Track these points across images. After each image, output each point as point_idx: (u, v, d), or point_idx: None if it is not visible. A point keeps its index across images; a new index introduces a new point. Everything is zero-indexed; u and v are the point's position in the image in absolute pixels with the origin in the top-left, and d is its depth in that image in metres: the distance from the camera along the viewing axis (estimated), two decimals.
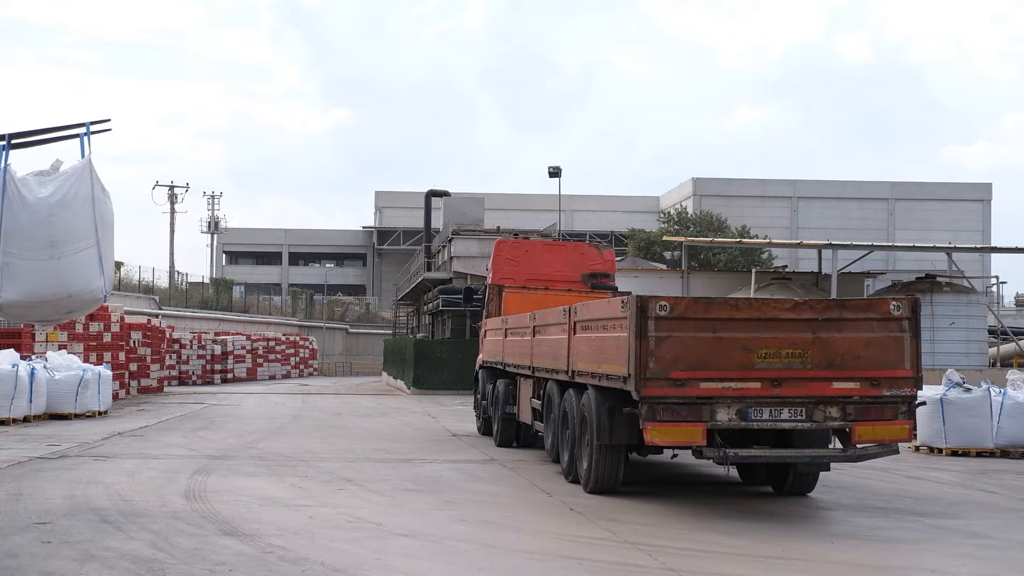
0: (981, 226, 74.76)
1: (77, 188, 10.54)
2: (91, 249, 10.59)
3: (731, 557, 8.95)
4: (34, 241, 10.40)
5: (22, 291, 10.45)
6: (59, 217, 10.46)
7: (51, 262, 10.43)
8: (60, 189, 10.55)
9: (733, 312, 10.57)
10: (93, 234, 10.61)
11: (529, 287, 19.54)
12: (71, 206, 10.51)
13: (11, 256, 10.38)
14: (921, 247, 38.11)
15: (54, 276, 10.44)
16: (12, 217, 10.38)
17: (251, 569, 8.01)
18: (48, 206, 10.46)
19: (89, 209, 10.61)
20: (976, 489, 13.43)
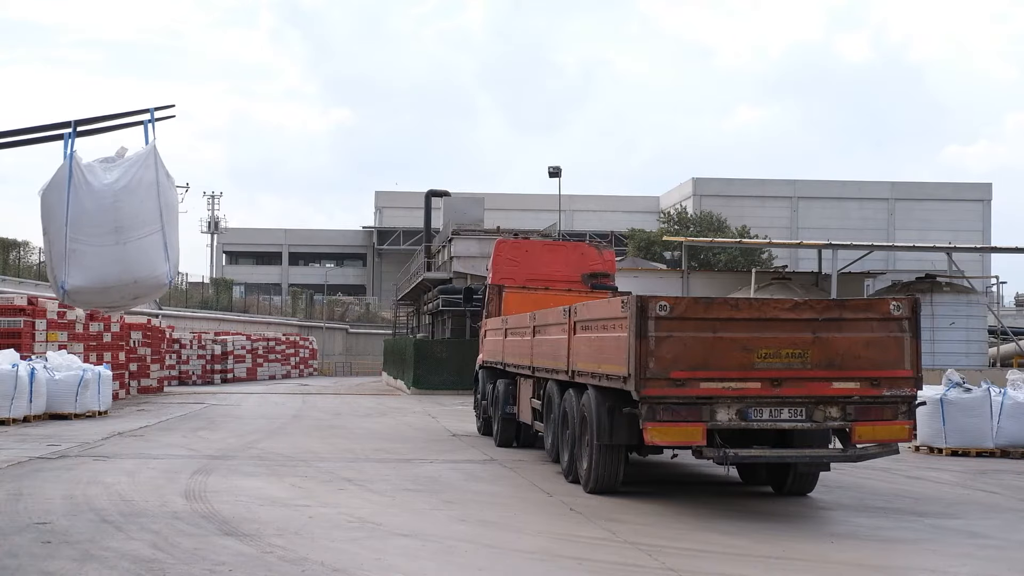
0: (981, 226, 74.77)
1: (142, 174, 10.58)
2: (156, 235, 10.64)
3: (731, 557, 8.95)
4: (99, 227, 10.43)
5: (89, 277, 10.46)
6: (124, 203, 10.49)
7: (116, 248, 10.47)
8: (125, 175, 10.58)
9: (733, 312, 10.57)
10: (158, 220, 10.66)
11: (529, 287, 19.54)
12: (136, 192, 10.54)
13: (77, 243, 10.41)
14: (921, 247, 38.11)
15: (120, 262, 10.48)
16: (78, 204, 10.42)
17: (251, 569, 8.01)
18: (113, 192, 10.48)
19: (154, 195, 10.66)
20: (976, 489, 13.43)
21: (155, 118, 10.69)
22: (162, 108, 10.79)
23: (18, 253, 42.83)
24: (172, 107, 10.95)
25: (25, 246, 43.53)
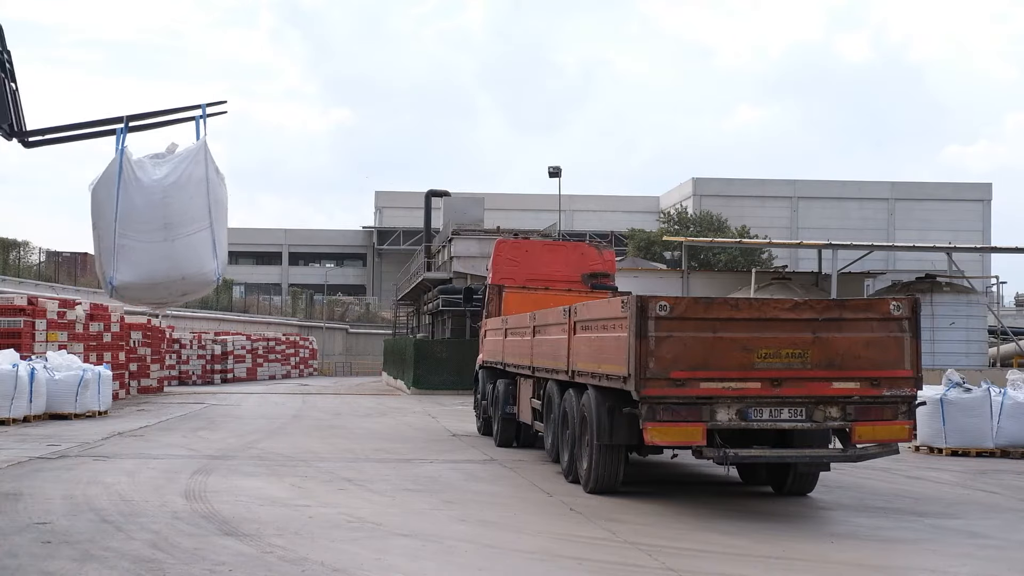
0: (981, 226, 74.76)
1: (191, 170, 10.54)
2: (205, 232, 10.60)
3: (731, 557, 8.95)
4: (149, 223, 10.41)
5: (137, 273, 10.47)
6: (173, 199, 10.46)
7: (165, 244, 10.44)
8: (175, 171, 10.55)
9: (733, 312, 10.57)
10: (207, 216, 10.61)
11: (529, 287, 19.53)
12: (185, 188, 10.51)
13: (126, 238, 10.41)
14: (921, 247, 38.09)
15: (168, 258, 10.46)
16: (128, 199, 10.39)
17: (251, 569, 8.01)
18: (162, 188, 10.47)
19: (203, 191, 10.61)
20: (976, 489, 13.43)
21: (207, 114, 10.67)
22: (213, 104, 10.77)
23: (18, 253, 42.83)
24: (224, 103, 10.92)
25: (25, 246, 43.56)
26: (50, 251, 46.90)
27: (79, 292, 40.49)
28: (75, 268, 47.60)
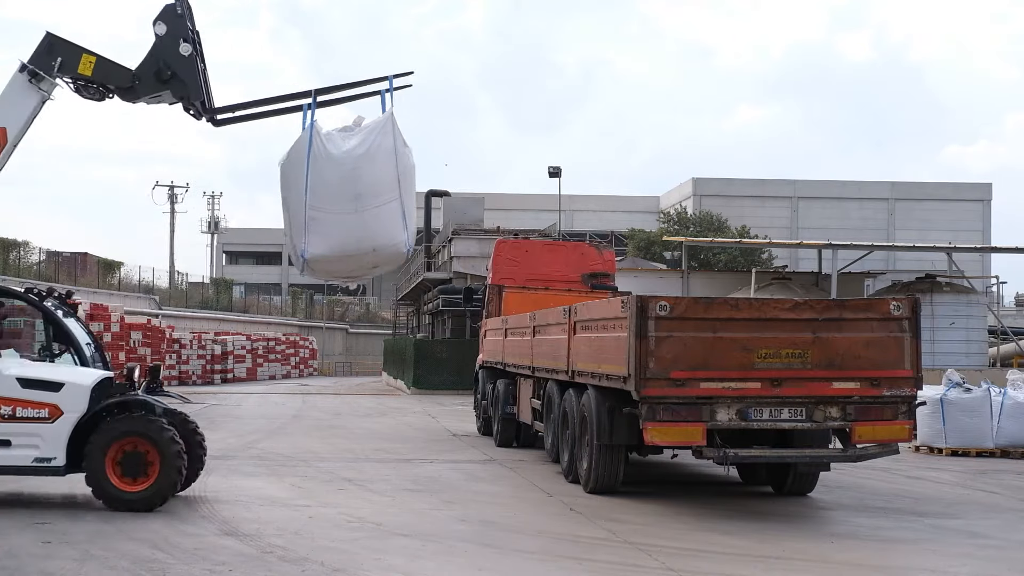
0: (981, 226, 74.70)
1: (380, 141, 10.61)
2: (394, 203, 10.65)
3: (731, 557, 8.95)
4: (339, 195, 10.50)
5: (329, 245, 10.58)
6: (363, 170, 10.55)
7: (356, 215, 10.52)
8: (364, 142, 10.64)
9: (733, 312, 10.57)
10: (396, 187, 10.66)
11: (529, 287, 19.53)
12: (375, 159, 10.58)
13: (317, 211, 10.51)
14: (921, 247, 38.07)
15: (359, 229, 10.54)
16: (318, 172, 10.50)
17: (251, 569, 8.01)
18: (353, 159, 10.56)
19: (392, 162, 10.67)
20: (976, 489, 13.43)
21: (393, 86, 10.72)
22: (400, 75, 10.84)
23: (18, 253, 42.82)
24: (411, 74, 10.98)
25: (25, 246, 43.54)
26: (50, 251, 46.91)
27: (79, 292, 40.44)
28: (75, 268, 47.59)
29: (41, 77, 10.57)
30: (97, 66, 10.68)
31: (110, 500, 10.03)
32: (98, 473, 9.98)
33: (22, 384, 10.14)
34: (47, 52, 10.58)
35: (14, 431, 10.03)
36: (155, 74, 10.64)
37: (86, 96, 10.93)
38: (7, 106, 10.60)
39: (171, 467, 10.08)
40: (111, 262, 51.65)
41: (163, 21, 10.63)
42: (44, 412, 10.08)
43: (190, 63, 10.66)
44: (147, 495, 10.04)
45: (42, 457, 10.05)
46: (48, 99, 10.71)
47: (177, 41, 10.61)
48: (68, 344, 10.87)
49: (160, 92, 10.77)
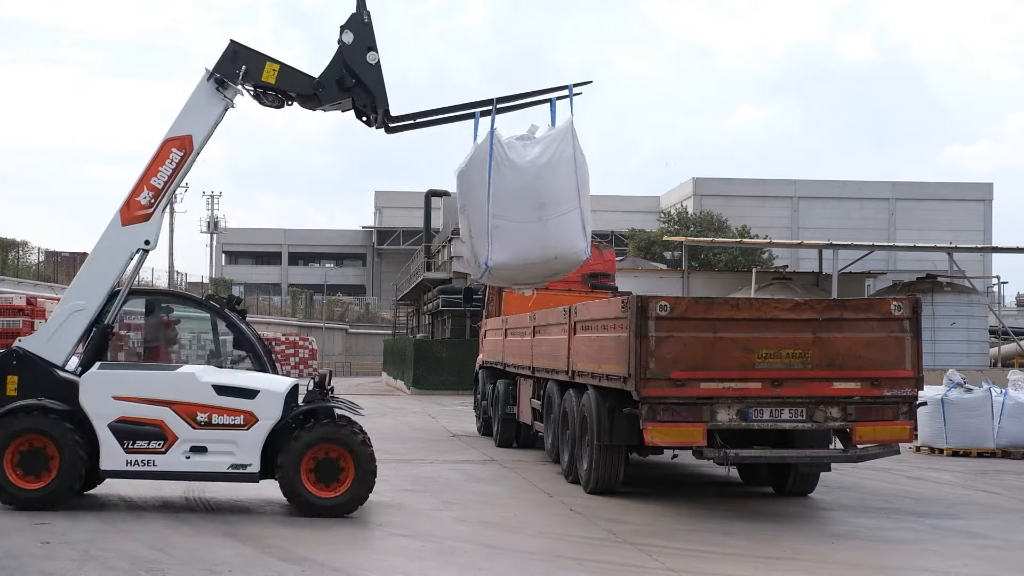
0: (982, 226, 74.69)
1: (562, 150, 10.68)
2: (575, 212, 10.71)
3: (731, 557, 8.94)
4: (523, 204, 10.57)
5: (513, 253, 10.63)
6: (546, 179, 10.61)
7: (539, 224, 10.58)
8: (546, 151, 10.70)
9: (733, 312, 10.56)
10: (576, 196, 10.73)
11: None
12: (557, 168, 10.65)
13: (501, 219, 10.57)
14: (922, 247, 38.02)
15: (542, 238, 10.60)
16: (501, 181, 10.58)
17: (251, 569, 8.00)
18: (536, 168, 10.63)
19: (572, 171, 10.73)
20: (977, 490, 13.42)
21: (573, 93, 10.80)
22: (580, 84, 10.93)
23: (17, 253, 42.84)
24: (590, 83, 11.10)
25: (24, 246, 43.56)
26: (49, 251, 46.95)
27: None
28: (74, 268, 47.56)
29: (226, 85, 10.67)
30: (280, 74, 10.82)
31: (305, 506, 10.08)
32: (293, 480, 10.04)
33: (218, 391, 10.19)
34: (231, 60, 10.68)
35: (211, 438, 10.10)
36: (338, 82, 10.81)
37: (265, 103, 11.09)
38: (194, 113, 10.73)
39: (365, 473, 10.17)
40: None
41: (350, 30, 10.77)
42: (240, 419, 10.12)
43: (376, 71, 10.83)
44: (342, 501, 10.12)
45: (237, 463, 10.13)
46: (231, 107, 10.81)
47: (363, 49, 10.77)
48: (249, 351, 10.93)
49: (342, 100, 10.93)
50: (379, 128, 11.14)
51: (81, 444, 9.96)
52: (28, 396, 10.16)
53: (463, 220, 11.23)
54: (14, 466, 9.95)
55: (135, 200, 10.55)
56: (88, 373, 10.37)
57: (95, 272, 10.64)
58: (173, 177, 10.61)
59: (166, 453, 10.05)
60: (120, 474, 10.24)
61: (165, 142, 10.65)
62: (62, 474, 9.94)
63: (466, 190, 11.04)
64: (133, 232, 10.54)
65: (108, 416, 10.09)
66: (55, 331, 10.53)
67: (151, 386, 10.20)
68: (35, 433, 9.96)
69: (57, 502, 10.00)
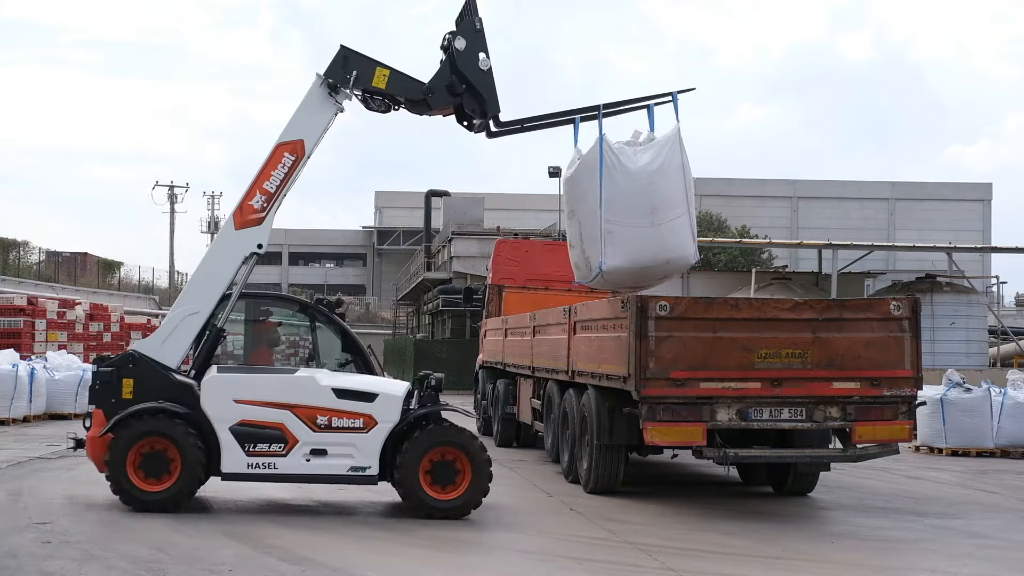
0: (981, 226, 74.65)
1: (671, 156, 10.88)
2: (684, 216, 10.91)
3: (731, 557, 8.95)
4: (636, 209, 10.73)
5: (626, 258, 10.80)
6: (658, 185, 10.78)
7: (651, 229, 10.75)
8: (657, 157, 10.88)
9: (733, 312, 10.57)
10: (685, 201, 10.94)
11: (529, 287, 19.51)
12: (668, 174, 10.84)
13: (614, 224, 10.73)
14: (921, 247, 38.01)
15: (654, 242, 10.78)
16: (613, 186, 10.74)
17: (251, 569, 8.00)
18: (648, 174, 10.80)
19: (681, 177, 10.95)
20: (976, 489, 13.43)
21: (677, 99, 11.01)
22: (684, 91, 11.13)
23: (18, 253, 42.87)
24: (693, 89, 11.34)
25: (25, 246, 43.60)
26: (50, 251, 47.00)
27: (79, 292, 40.50)
28: (75, 268, 47.65)
29: (338, 90, 10.76)
30: (391, 79, 10.91)
31: (424, 508, 10.13)
32: (412, 482, 10.10)
33: (337, 395, 10.25)
34: (342, 65, 10.76)
35: (331, 440, 10.16)
36: (448, 87, 10.92)
37: (372, 108, 11.18)
38: (306, 118, 10.82)
39: (481, 475, 10.21)
40: (111, 262, 51.74)
41: (462, 36, 10.89)
42: (359, 422, 10.19)
43: (488, 77, 10.94)
44: (459, 503, 10.17)
45: (357, 466, 10.20)
46: (341, 111, 10.90)
47: (476, 56, 10.88)
48: (357, 354, 11.02)
49: (451, 105, 11.04)
50: (479, 132, 11.28)
51: (201, 447, 10.04)
52: (143, 399, 10.22)
53: (572, 225, 11.44)
54: (136, 469, 10.03)
55: (248, 204, 10.68)
56: (209, 376, 10.41)
57: (208, 276, 10.74)
58: (285, 181, 10.73)
59: (287, 456, 10.14)
60: (241, 476, 10.30)
61: (277, 146, 10.74)
62: (183, 477, 10.02)
63: (576, 195, 11.23)
64: (246, 236, 10.68)
65: (229, 419, 10.16)
66: (169, 335, 10.56)
67: (272, 390, 10.29)
68: (157, 436, 10.03)
69: (178, 505, 10.07)
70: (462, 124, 11.24)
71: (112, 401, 10.26)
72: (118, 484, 10.01)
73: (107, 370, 10.39)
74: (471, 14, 10.96)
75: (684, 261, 11.08)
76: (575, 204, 11.28)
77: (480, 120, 11.08)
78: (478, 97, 10.94)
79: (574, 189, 11.25)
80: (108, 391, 10.31)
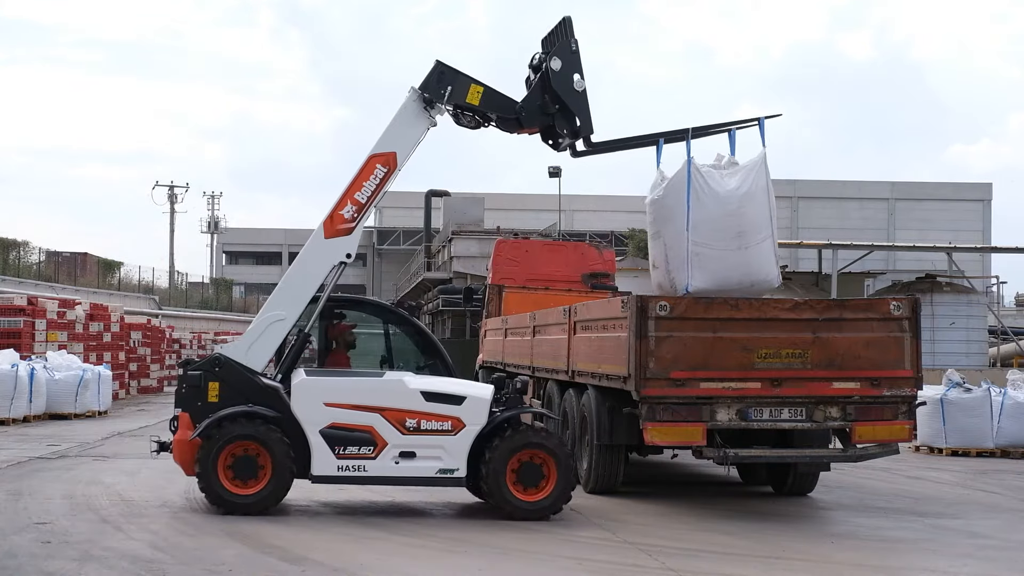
0: (981, 226, 74.64)
1: (757, 180, 11.02)
2: (768, 240, 11.04)
3: (731, 557, 8.95)
4: (723, 232, 10.87)
5: (712, 280, 10.94)
6: (746, 208, 10.93)
7: (738, 252, 10.91)
8: (745, 181, 11.02)
9: (733, 312, 10.57)
10: (769, 225, 11.08)
11: (529, 287, 19.50)
12: (755, 198, 10.98)
13: (701, 247, 10.87)
14: (921, 247, 37.99)
15: (741, 266, 10.93)
16: (701, 208, 10.86)
17: (251, 569, 8.01)
18: (737, 198, 10.94)
19: (766, 200, 11.09)
20: (976, 489, 13.43)
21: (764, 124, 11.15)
22: (771, 117, 11.29)
23: (18, 253, 42.81)
24: (779, 115, 11.59)
25: (25, 246, 43.53)
26: (50, 251, 46.92)
27: (79, 292, 40.48)
28: (75, 268, 47.62)
29: (433, 104, 10.83)
30: (484, 96, 10.99)
31: (509, 509, 10.19)
32: (499, 484, 10.15)
33: (426, 397, 10.33)
34: (437, 80, 10.84)
35: (419, 443, 10.23)
36: (540, 107, 11.01)
37: (462, 124, 11.24)
38: (400, 131, 10.91)
39: (567, 478, 10.28)
40: (111, 262, 51.70)
41: (558, 57, 10.95)
42: (447, 425, 10.26)
43: (583, 98, 11.02)
44: (545, 504, 10.24)
45: (445, 468, 10.27)
46: (434, 125, 10.97)
47: (571, 77, 10.96)
48: (437, 357, 11.14)
49: (542, 125, 11.12)
50: (563, 151, 11.36)
51: (291, 451, 10.08)
52: (229, 402, 10.29)
53: (656, 246, 11.54)
54: (227, 472, 10.09)
55: (339, 214, 10.74)
56: (299, 380, 10.46)
57: (297, 283, 10.83)
58: (376, 193, 10.81)
59: (376, 459, 10.20)
60: (331, 479, 10.37)
61: (370, 158, 10.83)
62: (273, 480, 10.09)
63: (662, 217, 11.35)
64: (335, 245, 10.74)
65: (320, 422, 10.22)
66: (255, 340, 10.64)
67: (361, 393, 10.36)
68: (248, 439, 10.08)
69: (267, 508, 10.13)
70: (547, 142, 11.34)
71: (198, 404, 10.36)
72: (209, 487, 10.07)
73: (194, 374, 10.49)
74: (566, 35, 11.04)
75: (768, 284, 11.23)
76: (660, 226, 11.41)
77: (569, 140, 11.16)
78: (570, 117, 11.02)
79: (660, 211, 11.38)
80: (195, 394, 10.42)
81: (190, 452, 10.19)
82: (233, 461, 10.08)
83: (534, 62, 11.22)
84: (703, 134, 11.45)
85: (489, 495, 10.30)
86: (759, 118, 11.24)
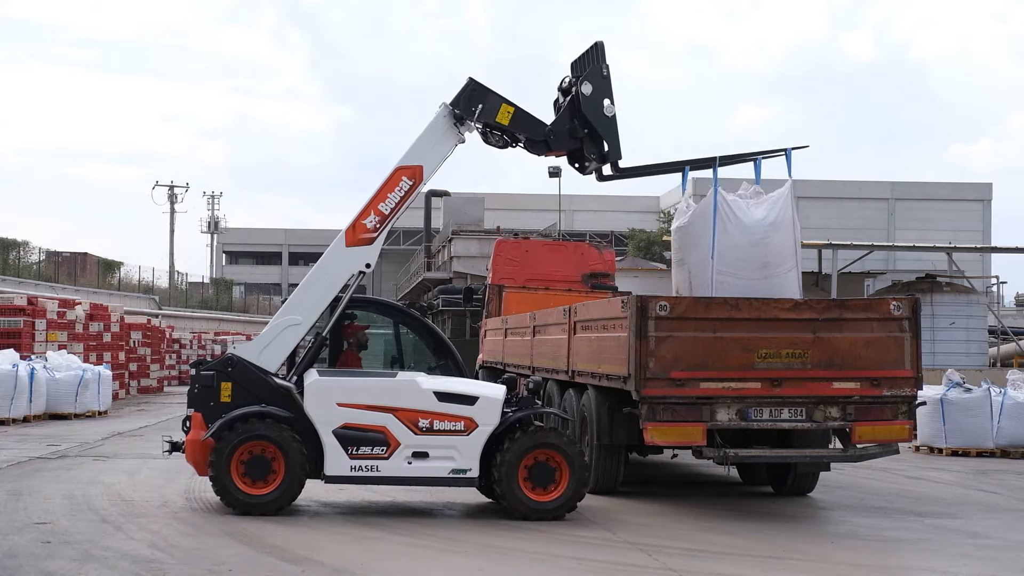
0: (981, 226, 74.60)
1: (784, 211, 11.14)
2: (793, 271, 11.17)
3: (731, 557, 8.95)
4: (748, 262, 11.00)
5: None
6: (772, 239, 11.05)
7: (763, 282, 11.03)
8: (772, 211, 11.12)
9: (733, 312, 10.57)
10: (794, 256, 11.21)
11: (529, 287, 19.50)
12: (781, 228, 11.09)
13: (726, 275, 10.98)
14: (921, 247, 37.99)
15: (765, 295, 10.93)
16: (726, 237, 10.95)
17: (251, 569, 8.01)
18: (763, 228, 11.05)
19: (791, 231, 11.20)
20: (976, 489, 13.43)
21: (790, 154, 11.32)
22: (798, 148, 11.47)
23: (18, 253, 42.81)
24: (807, 147, 11.81)
25: (25, 246, 43.53)
26: (50, 251, 46.92)
27: (79, 292, 40.47)
28: (75, 268, 47.61)
29: (463, 121, 10.85)
30: (514, 117, 10.98)
31: (521, 509, 10.20)
32: (511, 484, 10.16)
33: (439, 398, 10.36)
34: (469, 97, 10.85)
35: (432, 443, 10.26)
36: (569, 131, 11.02)
37: (490, 142, 11.25)
38: (428, 145, 10.94)
39: (579, 478, 10.30)
40: (111, 262, 51.71)
41: (589, 82, 10.97)
42: (460, 425, 10.29)
43: (612, 124, 11.02)
44: (557, 504, 10.26)
45: (458, 468, 10.29)
46: (462, 142, 11.00)
47: (601, 102, 10.96)
48: (449, 357, 11.18)
49: (571, 148, 11.13)
50: (589, 174, 11.34)
51: (304, 451, 10.10)
52: (242, 403, 10.31)
53: (680, 273, 11.60)
54: (240, 472, 10.10)
55: (361, 223, 10.78)
56: (311, 380, 10.47)
57: (315, 289, 10.86)
58: (400, 205, 10.86)
59: (389, 459, 10.22)
60: (344, 479, 10.39)
61: (397, 169, 10.85)
62: (286, 480, 10.10)
63: (686, 244, 11.42)
64: (356, 254, 10.79)
65: (333, 423, 10.23)
66: (269, 343, 10.68)
67: (374, 393, 10.37)
68: (261, 440, 10.09)
69: (280, 508, 10.14)
70: (573, 165, 11.35)
71: (211, 404, 10.36)
72: (223, 488, 10.07)
73: (207, 374, 10.48)
74: (598, 60, 11.04)
75: None
76: (685, 253, 11.47)
77: (596, 164, 11.16)
78: (598, 142, 11.01)
79: (685, 238, 11.44)
80: (207, 394, 10.42)
81: (203, 452, 10.19)
82: (246, 461, 10.08)
83: (564, 85, 11.21)
84: (730, 163, 11.51)
85: (502, 496, 10.30)
86: (786, 149, 11.27)
